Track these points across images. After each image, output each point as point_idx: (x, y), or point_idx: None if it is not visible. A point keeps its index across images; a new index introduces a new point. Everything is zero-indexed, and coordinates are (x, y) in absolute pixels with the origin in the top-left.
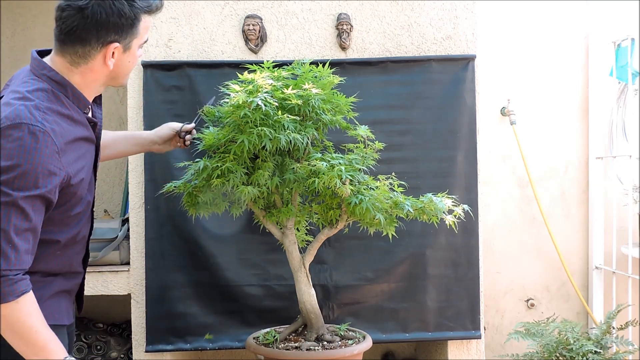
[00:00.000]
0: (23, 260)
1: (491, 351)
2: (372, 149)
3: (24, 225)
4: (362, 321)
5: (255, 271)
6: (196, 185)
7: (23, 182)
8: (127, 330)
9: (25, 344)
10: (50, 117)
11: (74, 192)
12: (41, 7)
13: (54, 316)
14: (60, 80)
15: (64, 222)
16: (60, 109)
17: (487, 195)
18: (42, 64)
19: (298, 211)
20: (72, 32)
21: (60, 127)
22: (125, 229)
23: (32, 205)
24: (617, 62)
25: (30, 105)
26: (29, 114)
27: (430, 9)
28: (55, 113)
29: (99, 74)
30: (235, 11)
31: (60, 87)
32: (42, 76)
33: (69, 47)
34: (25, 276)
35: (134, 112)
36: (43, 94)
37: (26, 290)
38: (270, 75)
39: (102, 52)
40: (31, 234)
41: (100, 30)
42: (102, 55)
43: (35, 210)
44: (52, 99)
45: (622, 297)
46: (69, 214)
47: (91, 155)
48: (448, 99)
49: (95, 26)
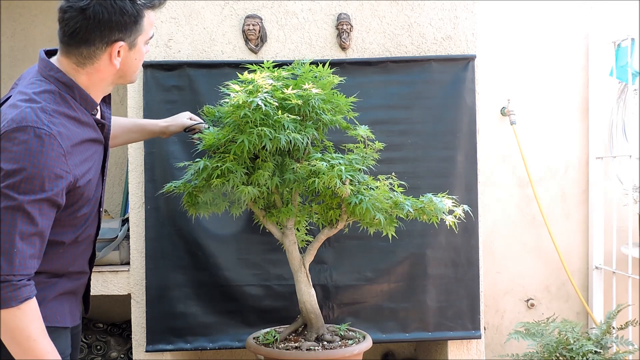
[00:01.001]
0: (28, 265)
1: (491, 351)
2: (372, 149)
3: (30, 230)
4: (362, 321)
5: (255, 271)
6: (196, 185)
7: (29, 186)
8: (127, 330)
9: (22, 351)
10: (56, 119)
11: (81, 194)
12: (41, 7)
13: (57, 318)
14: (67, 81)
15: (71, 223)
16: (67, 111)
17: (487, 195)
18: (50, 65)
19: (298, 211)
20: (75, 33)
21: (66, 130)
22: (125, 229)
23: (39, 209)
24: (617, 62)
25: (36, 108)
26: (35, 116)
27: (430, 9)
28: (62, 115)
29: (106, 74)
30: (235, 11)
31: (67, 89)
32: (50, 77)
33: (74, 48)
34: (30, 282)
35: (134, 112)
36: (50, 95)
37: (29, 297)
38: (270, 75)
39: (108, 51)
40: (38, 239)
41: (103, 30)
42: (107, 55)
43: (42, 215)
44: (59, 101)
45: (622, 297)
46: (76, 215)
47: (99, 156)
48: (448, 99)
49: (98, 26)
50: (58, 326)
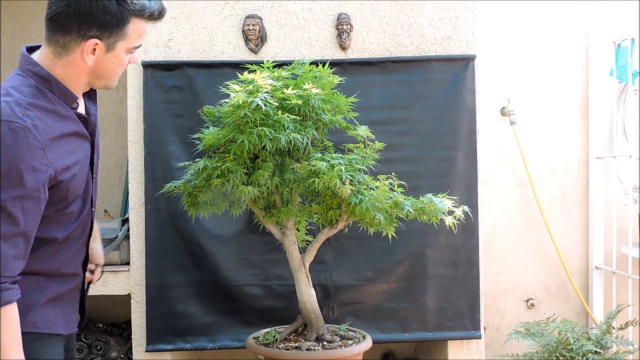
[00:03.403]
0: (10, 266)
1: (491, 351)
2: (372, 149)
3: (13, 230)
4: (362, 321)
5: (255, 271)
6: (196, 185)
7: (7, 182)
8: (127, 330)
9: None
10: (32, 112)
11: (67, 189)
12: (41, 7)
13: (48, 324)
14: (45, 75)
15: (59, 221)
16: (44, 104)
17: (487, 195)
18: (28, 60)
19: (298, 211)
20: (54, 18)
21: (43, 123)
22: (125, 229)
23: (21, 207)
24: (617, 62)
25: (11, 102)
26: (9, 110)
27: (430, 9)
28: (38, 109)
29: (80, 69)
30: (235, 11)
31: (44, 82)
32: (28, 72)
33: (53, 34)
34: (13, 285)
35: (134, 112)
36: (27, 89)
37: (10, 301)
38: (270, 75)
39: (82, 45)
40: (21, 239)
41: (82, 23)
42: (81, 49)
43: (25, 213)
44: (37, 95)
45: (622, 297)
46: (64, 212)
47: (85, 152)
48: (448, 99)
49: (77, 16)
50: (49, 333)
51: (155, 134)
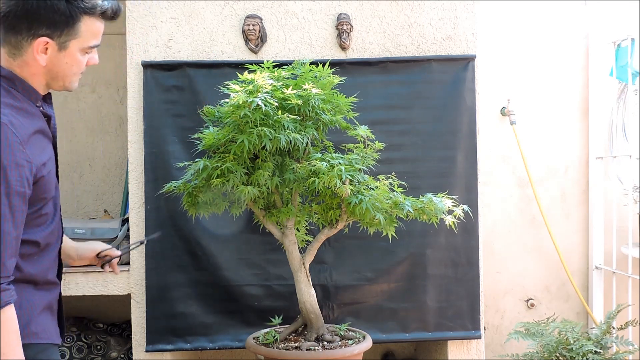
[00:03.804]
0: (7, 267)
1: (491, 351)
2: (372, 149)
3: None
4: (362, 321)
5: (255, 271)
6: (196, 185)
7: None
8: (127, 330)
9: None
10: (6, 110)
11: (45, 185)
12: None
13: (47, 335)
14: (7, 74)
15: (36, 223)
16: (12, 102)
17: (487, 195)
18: None
19: (298, 211)
20: (6, 18)
21: (17, 120)
22: (125, 229)
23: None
24: (617, 62)
25: None
26: None
27: (430, 9)
28: (8, 107)
29: (35, 69)
30: (235, 11)
31: (8, 81)
32: None
33: (6, 34)
34: (10, 286)
35: (134, 112)
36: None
37: (8, 302)
38: (270, 75)
39: (32, 44)
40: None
41: (31, 22)
42: (32, 48)
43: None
44: (4, 93)
45: (622, 297)
46: (41, 213)
47: (51, 152)
48: (448, 99)
49: (25, 15)
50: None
51: (155, 134)
